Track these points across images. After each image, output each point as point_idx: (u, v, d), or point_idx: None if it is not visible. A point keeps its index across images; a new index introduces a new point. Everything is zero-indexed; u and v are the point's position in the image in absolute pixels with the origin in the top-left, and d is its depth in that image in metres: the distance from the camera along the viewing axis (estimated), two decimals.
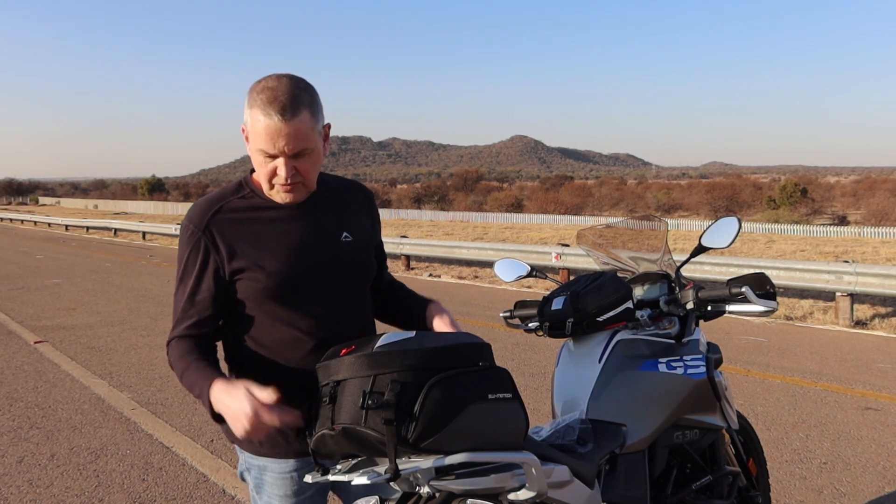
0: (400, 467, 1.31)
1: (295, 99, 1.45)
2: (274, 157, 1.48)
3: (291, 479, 1.64)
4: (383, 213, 46.70)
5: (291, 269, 1.56)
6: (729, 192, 56.35)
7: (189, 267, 1.56)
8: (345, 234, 1.66)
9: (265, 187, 1.56)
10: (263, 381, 1.58)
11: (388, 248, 13.73)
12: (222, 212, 1.58)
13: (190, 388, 1.49)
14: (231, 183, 1.65)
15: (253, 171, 1.66)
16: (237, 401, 1.35)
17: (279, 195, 1.55)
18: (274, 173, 1.51)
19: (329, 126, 1.60)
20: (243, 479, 1.73)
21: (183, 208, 60.09)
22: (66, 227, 32.88)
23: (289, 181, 1.50)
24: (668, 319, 2.16)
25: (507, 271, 2.50)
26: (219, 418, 1.45)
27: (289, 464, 1.63)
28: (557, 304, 2.02)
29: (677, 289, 2.18)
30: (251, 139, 1.49)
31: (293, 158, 1.49)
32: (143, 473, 3.88)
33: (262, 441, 1.62)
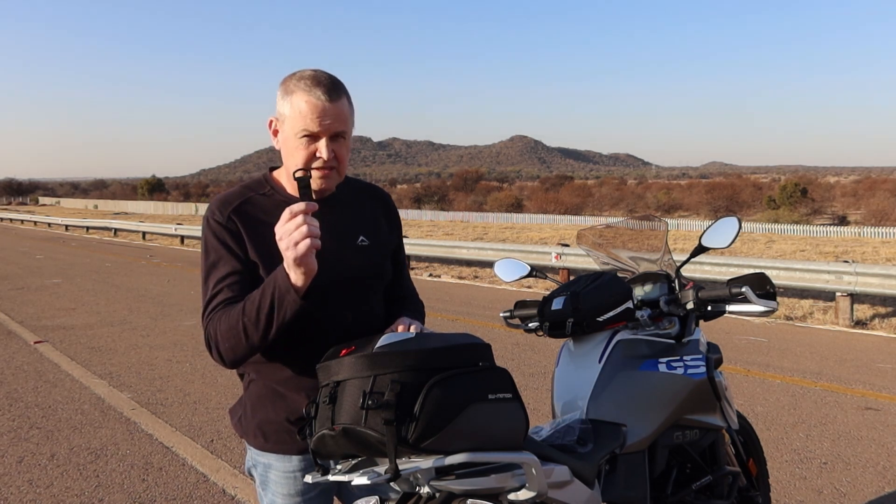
0: (400, 467, 1.31)
1: (336, 84, 1.52)
2: (315, 138, 1.51)
3: (295, 478, 1.65)
4: None
5: None
6: (729, 192, 56.34)
7: (217, 254, 1.55)
8: (361, 237, 1.66)
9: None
10: (275, 377, 1.60)
11: None
12: (244, 206, 1.59)
13: (260, 306, 1.43)
14: (252, 179, 1.67)
15: (272, 169, 1.68)
16: (289, 229, 1.36)
17: (315, 182, 1.54)
18: (313, 156, 1.52)
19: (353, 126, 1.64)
20: (250, 476, 1.75)
21: (183, 208, 60.03)
22: (66, 227, 32.89)
23: (329, 163, 1.52)
24: (668, 319, 2.16)
25: (507, 271, 2.49)
26: (300, 291, 1.41)
27: (293, 462, 1.64)
28: (557, 304, 2.02)
29: (677, 289, 2.18)
30: (288, 124, 1.51)
31: (332, 141, 1.52)
32: (143, 473, 3.88)
33: (268, 436, 1.62)
